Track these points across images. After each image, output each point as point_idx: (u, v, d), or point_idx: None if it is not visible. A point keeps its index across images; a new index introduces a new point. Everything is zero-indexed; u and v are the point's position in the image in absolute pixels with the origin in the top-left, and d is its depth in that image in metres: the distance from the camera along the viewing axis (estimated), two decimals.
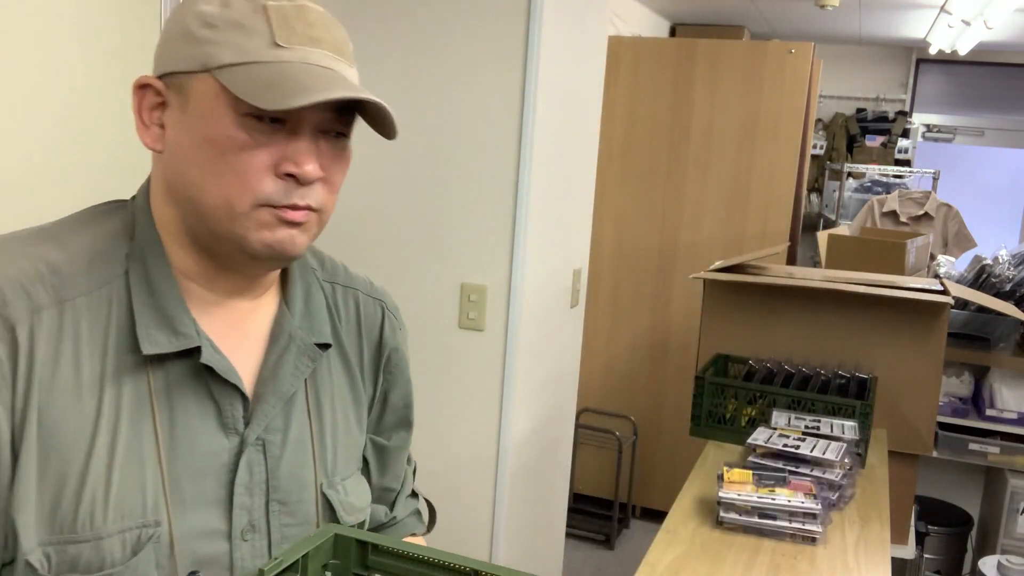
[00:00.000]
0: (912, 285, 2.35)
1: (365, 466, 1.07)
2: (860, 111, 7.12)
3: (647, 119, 3.98)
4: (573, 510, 3.93)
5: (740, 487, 1.69)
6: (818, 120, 6.97)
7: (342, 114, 0.85)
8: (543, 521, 2.73)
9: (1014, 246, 3.46)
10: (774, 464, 1.83)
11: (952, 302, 2.25)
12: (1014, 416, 3.01)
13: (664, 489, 4.07)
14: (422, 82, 2.28)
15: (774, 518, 1.66)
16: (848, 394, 2.22)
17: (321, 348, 0.97)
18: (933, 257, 3.75)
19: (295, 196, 0.82)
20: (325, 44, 0.83)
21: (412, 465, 1.19)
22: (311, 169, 0.82)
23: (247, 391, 0.90)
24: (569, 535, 3.70)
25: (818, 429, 1.99)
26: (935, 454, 2.99)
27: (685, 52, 3.92)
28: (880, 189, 6.29)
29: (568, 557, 3.48)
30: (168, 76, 0.84)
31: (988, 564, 2.40)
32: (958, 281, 3.11)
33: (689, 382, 2.83)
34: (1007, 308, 2.61)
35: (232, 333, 0.90)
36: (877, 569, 1.58)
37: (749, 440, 1.93)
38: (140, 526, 0.82)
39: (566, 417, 2.83)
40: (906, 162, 6.82)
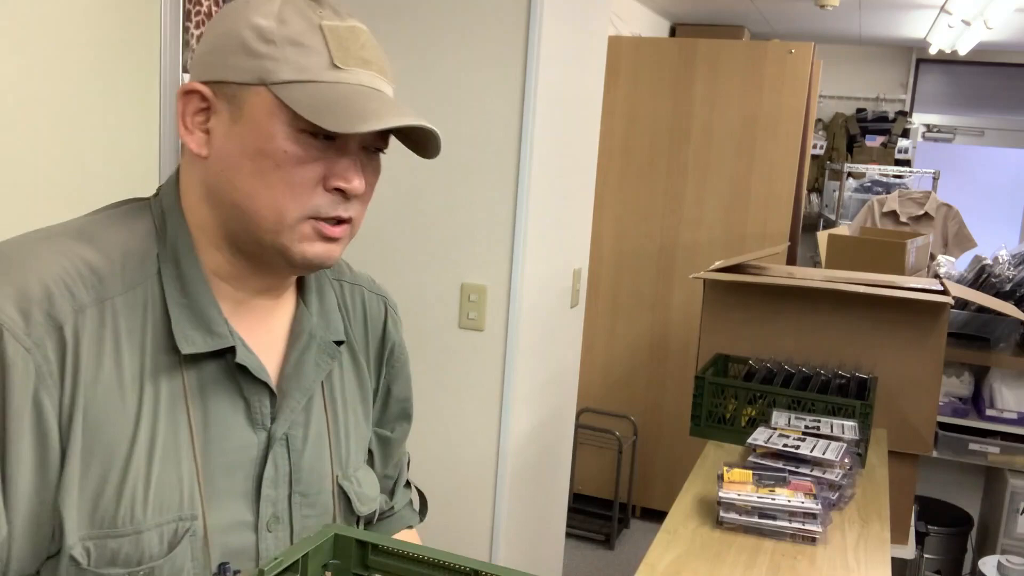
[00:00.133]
0: (912, 285, 2.35)
1: (369, 457, 1.10)
2: (860, 111, 7.12)
3: (647, 119, 3.98)
4: (573, 510, 3.93)
5: (740, 487, 1.69)
6: (818, 120, 6.97)
7: (383, 133, 0.89)
8: (543, 521, 2.73)
9: (1014, 246, 3.46)
10: (774, 464, 1.83)
11: (952, 302, 2.25)
12: (1014, 416, 3.01)
13: (664, 489, 4.07)
14: (422, 82, 2.28)
15: (774, 518, 1.66)
16: (848, 394, 2.22)
17: (337, 345, 1.01)
18: (933, 257, 3.75)
19: (340, 209, 0.87)
20: (374, 66, 0.88)
21: (407, 455, 1.22)
22: (358, 184, 0.87)
23: (274, 388, 0.93)
24: (569, 535, 3.71)
25: (818, 429, 1.99)
26: (935, 454, 2.99)
27: (685, 52, 3.92)
28: (880, 189, 6.29)
29: (568, 557, 3.48)
30: (217, 84, 0.86)
31: (988, 564, 2.40)
32: (958, 281, 3.11)
33: (689, 382, 2.83)
34: (1007, 308, 2.61)
35: (256, 331, 0.94)
36: (877, 569, 1.58)
37: (749, 440, 1.92)
38: (177, 519, 0.85)
39: (566, 417, 2.83)
40: (906, 162, 6.82)
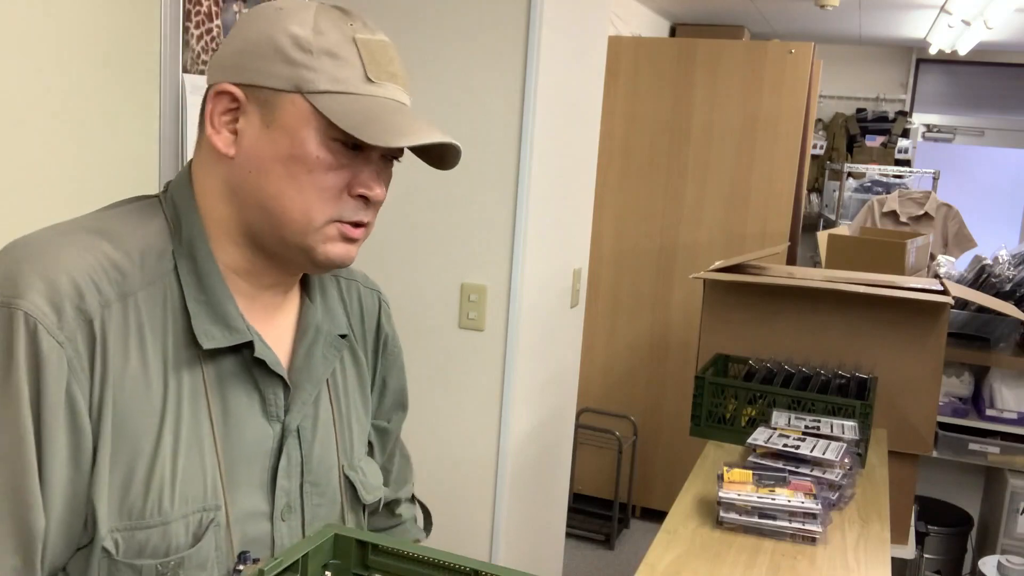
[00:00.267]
0: (912, 285, 2.35)
1: (369, 448, 1.14)
2: (860, 111, 7.12)
3: (647, 119, 3.98)
4: (573, 510, 3.93)
5: (740, 487, 1.69)
6: (818, 120, 6.97)
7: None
8: (543, 521, 2.73)
9: (1014, 246, 3.46)
10: (774, 464, 1.83)
11: (952, 302, 2.25)
12: (1014, 416, 3.01)
13: (664, 489, 4.07)
14: (422, 82, 2.28)
15: (774, 518, 1.65)
16: (848, 394, 2.22)
17: (341, 338, 1.04)
18: (933, 257, 3.75)
19: (361, 214, 0.92)
20: (400, 80, 0.93)
21: (411, 467, 1.24)
22: (380, 192, 0.92)
23: (288, 381, 0.96)
24: (569, 535, 3.70)
25: (818, 429, 1.99)
26: (935, 454, 2.99)
27: (685, 52, 3.92)
28: (880, 189, 6.29)
29: (568, 557, 3.48)
30: (249, 87, 0.89)
31: (988, 564, 2.40)
32: (958, 281, 3.11)
33: (689, 382, 2.83)
34: (1007, 308, 2.61)
35: (265, 325, 0.96)
36: (877, 569, 1.58)
37: (749, 440, 1.92)
38: (201, 510, 0.88)
39: (566, 417, 2.83)
40: (906, 162, 6.82)
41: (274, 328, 0.97)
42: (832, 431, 1.98)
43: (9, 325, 0.80)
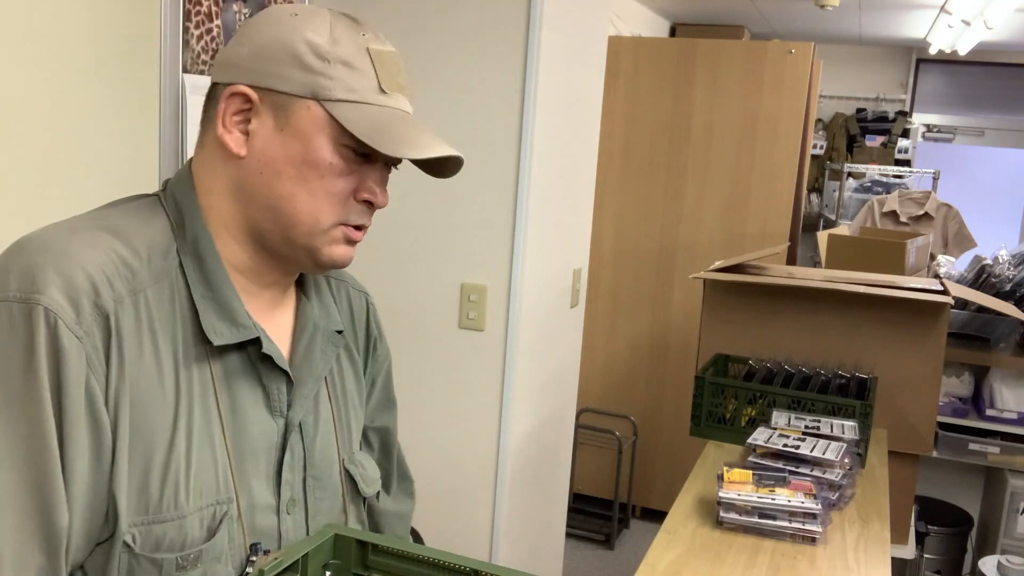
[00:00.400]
0: (912, 285, 2.35)
1: (368, 447, 1.17)
2: (860, 111, 7.12)
3: (647, 119, 3.98)
4: (573, 510, 3.93)
5: (740, 487, 1.69)
6: (818, 120, 6.97)
7: None
8: (543, 521, 2.73)
9: (1014, 246, 3.46)
10: (774, 464, 1.83)
11: (952, 302, 2.25)
12: (1014, 416, 3.01)
13: (664, 489, 4.07)
14: (422, 82, 2.28)
15: (774, 518, 1.66)
16: (848, 394, 2.22)
17: (338, 334, 1.06)
18: (933, 257, 3.75)
19: (364, 218, 0.96)
20: (407, 90, 0.96)
21: (412, 489, 1.25)
22: (384, 199, 0.96)
23: (292, 377, 0.97)
24: (569, 535, 3.71)
25: (818, 429, 1.99)
26: (935, 454, 2.99)
27: (685, 52, 3.92)
28: (880, 189, 6.29)
29: (568, 557, 3.48)
30: (264, 90, 0.90)
31: (988, 564, 2.40)
32: (958, 281, 3.11)
33: (689, 382, 2.83)
34: (1007, 308, 2.61)
35: (266, 322, 0.97)
36: (877, 569, 1.58)
37: (749, 440, 1.92)
38: (215, 503, 0.89)
39: (566, 417, 2.83)
40: (906, 162, 6.82)
41: (273, 325, 0.98)
42: (832, 431, 1.98)
43: (29, 320, 0.80)
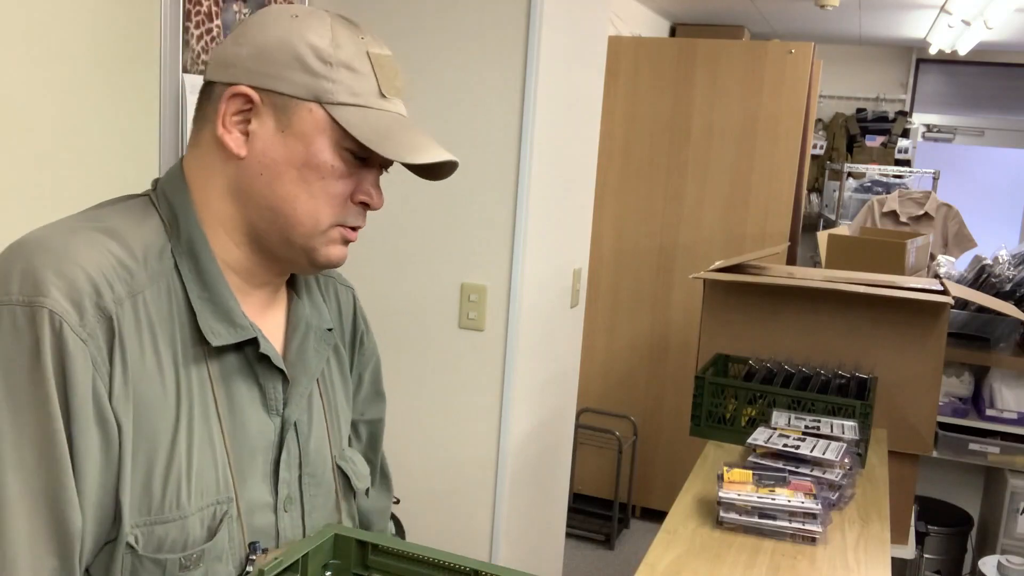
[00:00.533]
0: (912, 285, 2.34)
1: (357, 439, 1.18)
2: (860, 111, 7.12)
3: (647, 119, 3.98)
4: (573, 510, 3.93)
5: (740, 487, 1.69)
6: (818, 120, 6.97)
7: None
8: (543, 521, 2.73)
9: (1014, 246, 3.46)
10: (774, 464, 1.83)
11: (952, 302, 2.25)
12: (1014, 416, 3.01)
13: (664, 489, 4.07)
14: (422, 82, 2.28)
15: (774, 518, 1.66)
16: (848, 394, 2.22)
17: (329, 332, 1.06)
18: (933, 257, 3.75)
19: (360, 219, 0.97)
20: (403, 93, 0.97)
21: (391, 488, 1.27)
22: (380, 201, 0.97)
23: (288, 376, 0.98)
24: (569, 535, 3.71)
25: (818, 429, 1.99)
26: (935, 454, 2.99)
27: (685, 52, 3.92)
28: (880, 189, 6.29)
29: (568, 557, 3.48)
30: (265, 91, 0.90)
31: (988, 564, 2.40)
32: (958, 281, 3.11)
33: (689, 382, 2.83)
34: (1007, 308, 2.61)
35: (259, 321, 0.97)
36: (877, 569, 1.58)
37: (749, 440, 1.92)
38: (215, 503, 0.90)
39: (566, 417, 2.83)
40: (906, 162, 6.81)
41: (266, 324, 0.98)
42: (832, 431, 1.98)
43: (33, 324, 0.79)
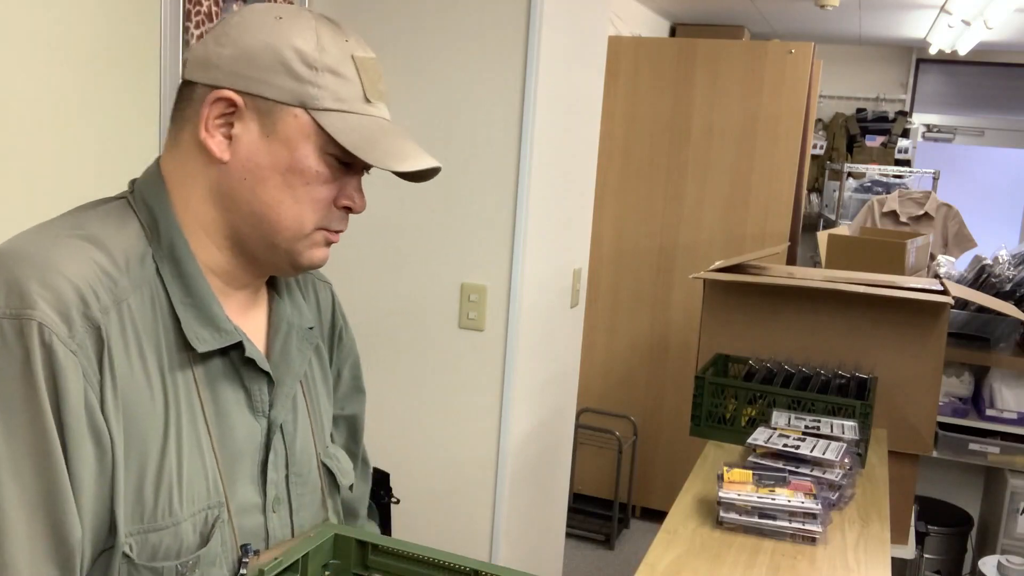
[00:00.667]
0: (912, 285, 2.34)
1: (337, 433, 1.18)
2: (860, 111, 7.12)
3: (647, 119, 3.98)
4: (573, 510, 3.93)
5: (740, 487, 1.69)
6: (818, 120, 6.97)
7: None
8: (543, 521, 2.73)
9: (1014, 246, 3.46)
10: (774, 464, 1.83)
11: (952, 302, 2.24)
12: (1014, 416, 3.01)
13: (664, 489, 4.07)
14: (422, 82, 2.28)
15: (774, 518, 1.66)
16: (848, 394, 2.22)
17: (310, 331, 1.06)
18: (933, 257, 3.75)
19: (343, 223, 0.97)
20: (386, 97, 0.97)
21: (369, 482, 1.27)
22: (362, 205, 0.97)
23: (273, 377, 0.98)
24: (569, 535, 3.70)
25: (818, 429, 1.99)
26: (935, 454, 2.99)
27: (685, 52, 3.92)
28: (880, 189, 6.29)
29: (568, 557, 3.48)
30: (249, 95, 0.90)
31: (988, 564, 2.40)
32: (958, 281, 3.11)
33: (689, 382, 2.83)
34: (1007, 308, 2.61)
35: (241, 322, 0.97)
36: (877, 569, 1.58)
37: (749, 440, 1.92)
38: (206, 508, 0.90)
39: (566, 417, 2.83)
40: (906, 162, 6.81)
41: (248, 325, 0.98)
42: (832, 431, 1.98)
43: (22, 337, 0.78)
